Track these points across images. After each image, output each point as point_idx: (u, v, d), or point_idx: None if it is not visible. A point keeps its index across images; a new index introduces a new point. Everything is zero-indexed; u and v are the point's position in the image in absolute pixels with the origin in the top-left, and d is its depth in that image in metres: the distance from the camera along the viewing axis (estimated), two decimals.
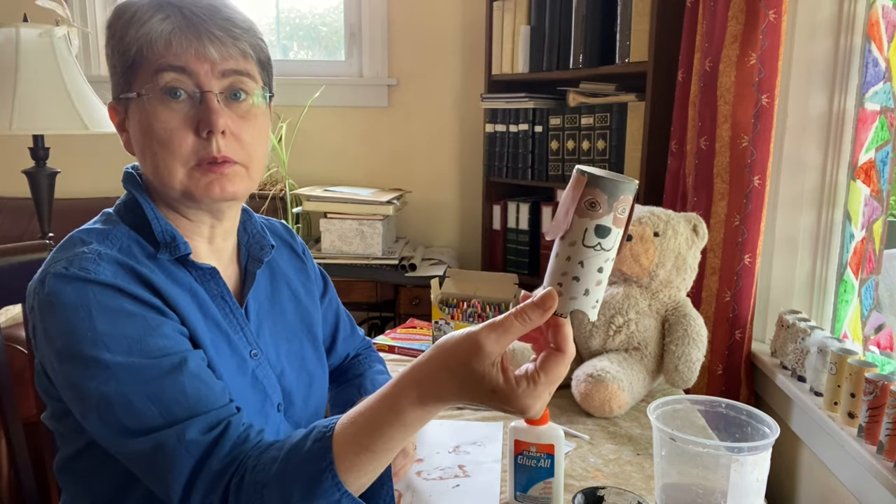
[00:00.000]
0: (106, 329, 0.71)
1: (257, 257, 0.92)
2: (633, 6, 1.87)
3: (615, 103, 1.99)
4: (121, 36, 0.78)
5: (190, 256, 0.82)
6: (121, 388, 0.70)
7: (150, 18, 0.76)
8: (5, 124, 1.87)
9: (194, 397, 0.72)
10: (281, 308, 0.96)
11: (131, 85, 0.79)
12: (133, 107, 0.80)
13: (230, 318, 0.86)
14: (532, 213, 2.29)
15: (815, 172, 1.57)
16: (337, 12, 2.70)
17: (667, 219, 1.24)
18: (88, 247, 0.76)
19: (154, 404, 0.70)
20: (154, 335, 0.73)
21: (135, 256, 0.79)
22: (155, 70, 0.77)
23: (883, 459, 1.10)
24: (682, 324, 1.20)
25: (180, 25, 0.76)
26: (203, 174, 0.79)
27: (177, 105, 0.77)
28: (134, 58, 0.78)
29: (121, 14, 0.78)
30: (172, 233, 0.81)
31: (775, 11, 1.42)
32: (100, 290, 0.72)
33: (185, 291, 0.81)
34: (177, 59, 0.76)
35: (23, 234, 2.43)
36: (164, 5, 0.77)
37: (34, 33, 1.95)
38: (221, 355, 0.83)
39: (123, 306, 0.73)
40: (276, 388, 0.90)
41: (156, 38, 0.76)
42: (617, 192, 0.59)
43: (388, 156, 2.67)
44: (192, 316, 0.80)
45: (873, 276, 1.39)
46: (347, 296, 2.21)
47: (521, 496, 0.88)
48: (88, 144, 2.63)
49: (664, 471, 0.84)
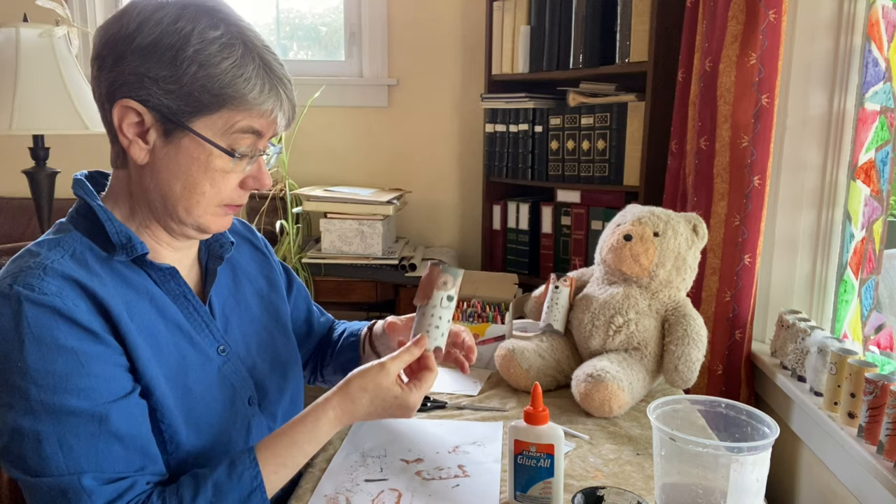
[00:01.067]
0: (36, 364, 0.71)
1: (217, 254, 0.94)
2: (633, 6, 1.87)
3: (615, 103, 1.99)
4: (210, 63, 0.76)
5: (147, 256, 0.82)
6: (35, 426, 0.70)
7: (244, 63, 0.77)
8: (5, 124, 1.87)
9: (103, 455, 0.72)
10: (246, 303, 0.98)
11: (192, 117, 0.77)
12: (179, 137, 0.78)
13: (194, 316, 0.87)
14: (532, 213, 2.29)
15: (815, 172, 1.57)
16: (337, 12, 2.70)
17: (667, 219, 1.24)
18: (36, 259, 0.75)
19: (62, 451, 0.70)
20: (82, 374, 0.72)
21: (86, 263, 0.78)
22: (241, 129, 0.79)
23: (883, 459, 1.10)
24: (682, 324, 1.19)
25: (267, 87, 0.79)
26: (225, 214, 0.85)
27: (235, 163, 0.81)
28: (215, 97, 0.77)
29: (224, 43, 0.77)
30: (128, 234, 0.81)
31: (775, 11, 1.42)
32: (36, 315, 0.71)
33: (140, 296, 0.81)
34: (260, 124, 0.81)
35: (23, 234, 2.44)
36: (253, 54, 0.78)
37: (34, 33, 1.95)
38: (184, 356, 0.84)
39: (56, 337, 0.72)
40: (246, 382, 0.92)
41: (246, 92, 0.77)
42: (457, 275, 0.96)
43: (388, 156, 2.67)
44: (148, 321, 0.81)
45: (873, 276, 1.39)
46: (347, 296, 2.21)
47: (521, 496, 0.88)
48: (88, 144, 2.62)
49: (664, 471, 0.84)
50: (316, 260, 2.19)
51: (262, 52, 0.80)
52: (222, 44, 0.77)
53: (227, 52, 0.77)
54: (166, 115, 0.78)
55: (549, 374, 1.27)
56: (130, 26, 0.77)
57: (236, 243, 0.98)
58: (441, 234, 2.72)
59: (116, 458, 0.73)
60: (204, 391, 0.86)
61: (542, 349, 1.28)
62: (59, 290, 0.73)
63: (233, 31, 0.78)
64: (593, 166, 2.05)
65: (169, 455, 0.82)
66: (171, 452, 0.82)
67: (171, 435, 0.81)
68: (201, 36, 0.76)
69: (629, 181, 1.97)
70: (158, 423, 0.80)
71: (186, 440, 0.83)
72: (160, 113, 0.78)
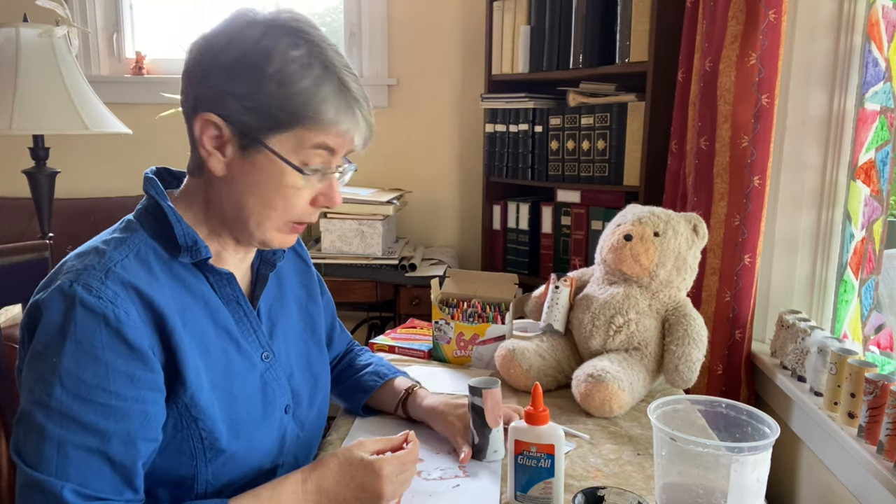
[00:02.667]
0: (68, 365, 0.73)
1: (270, 261, 0.95)
2: (633, 6, 1.87)
3: (615, 103, 1.99)
4: (288, 82, 0.78)
5: (210, 261, 0.84)
6: (45, 422, 0.72)
7: (322, 82, 0.79)
8: (5, 124, 1.87)
9: (93, 472, 0.73)
10: (288, 311, 0.99)
11: (267, 134, 0.79)
12: (254, 152, 0.80)
13: (244, 321, 0.89)
14: (532, 213, 2.29)
15: (815, 172, 1.57)
16: (337, 12, 2.70)
17: (667, 219, 1.24)
18: (101, 259, 0.78)
19: (58, 456, 0.72)
20: (105, 390, 0.74)
21: (148, 265, 0.80)
22: (314, 145, 0.80)
23: (883, 459, 1.10)
24: (683, 324, 1.20)
25: (344, 107, 0.80)
26: (291, 232, 0.86)
27: (307, 180, 0.82)
28: (289, 113, 0.79)
29: (303, 63, 0.79)
30: (194, 237, 0.83)
31: (775, 11, 1.42)
32: (84, 317, 0.73)
33: (196, 300, 0.84)
34: (335, 142, 0.81)
35: (23, 234, 2.43)
36: (331, 73, 0.80)
37: (34, 33, 1.95)
38: (231, 361, 0.86)
39: (94, 345, 0.73)
40: (285, 389, 0.93)
41: (323, 111, 0.79)
42: None
43: (388, 156, 2.66)
44: (200, 326, 0.83)
45: (873, 276, 1.39)
46: (347, 296, 2.21)
47: (522, 496, 0.88)
48: (88, 144, 2.63)
49: (664, 471, 0.84)
50: (316, 260, 2.18)
51: (341, 72, 0.81)
52: (302, 63, 0.78)
53: (305, 72, 0.79)
54: (244, 130, 0.80)
55: (550, 374, 1.27)
56: (219, 44, 0.80)
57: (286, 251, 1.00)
58: (441, 234, 2.72)
59: (103, 479, 0.74)
60: (247, 398, 0.87)
61: (543, 349, 1.28)
62: (115, 296, 0.75)
63: (314, 52, 0.80)
64: (593, 166, 2.05)
65: (208, 461, 0.83)
66: (209, 458, 0.83)
67: (210, 442, 0.82)
68: (283, 55, 0.78)
69: (629, 181, 1.97)
70: (200, 431, 0.81)
71: (227, 445, 0.84)
72: (238, 128, 0.80)
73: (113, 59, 2.70)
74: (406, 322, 1.70)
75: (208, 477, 0.83)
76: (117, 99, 2.48)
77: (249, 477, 0.87)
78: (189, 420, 0.81)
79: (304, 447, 0.98)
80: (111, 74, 2.67)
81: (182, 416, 0.80)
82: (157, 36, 2.73)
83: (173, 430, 0.80)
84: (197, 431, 0.81)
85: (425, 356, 1.45)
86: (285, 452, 0.93)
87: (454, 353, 1.40)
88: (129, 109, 2.48)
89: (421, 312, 2.14)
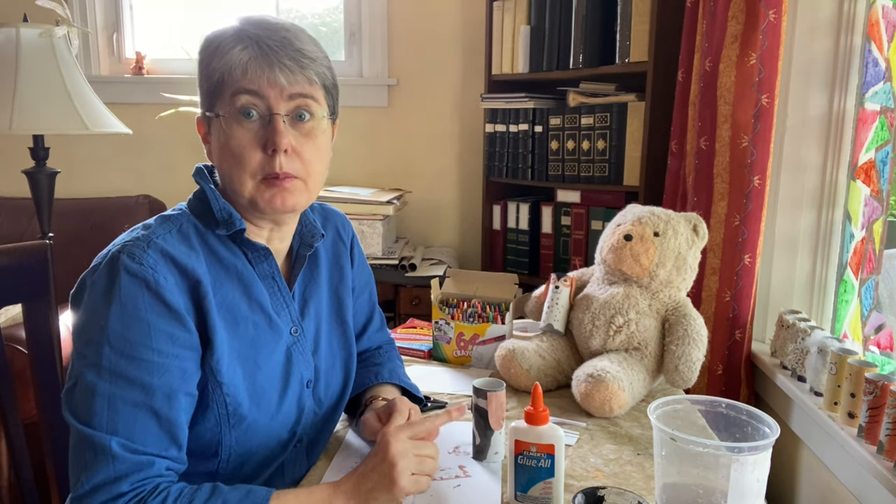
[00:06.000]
0: (115, 325, 0.80)
1: (308, 242, 1.01)
2: (633, 6, 1.87)
3: (615, 103, 1.99)
4: (207, 63, 0.90)
5: (245, 234, 0.92)
6: (96, 380, 0.79)
7: (231, 49, 0.87)
8: (5, 124, 1.87)
9: (140, 426, 0.80)
10: (319, 292, 1.05)
11: (214, 106, 0.90)
12: (214, 124, 0.91)
13: (277, 297, 0.96)
14: (532, 213, 2.29)
15: (815, 172, 1.57)
16: (337, 12, 2.70)
17: (667, 219, 1.24)
18: (146, 232, 0.87)
19: (108, 411, 0.79)
20: (148, 347, 0.81)
21: (189, 239, 0.89)
22: (232, 93, 0.88)
23: (883, 459, 1.10)
24: (683, 324, 1.19)
25: (256, 56, 0.87)
26: (267, 187, 0.89)
27: (249, 125, 0.88)
28: (217, 83, 0.89)
29: (208, 45, 0.90)
30: (229, 210, 0.91)
31: (775, 11, 1.42)
32: (128, 282, 0.81)
33: (230, 274, 0.92)
34: (251, 84, 0.87)
35: (23, 234, 2.43)
36: (244, 38, 0.88)
37: (34, 33, 1.95)
38: (260, 333, 0.93)
39: (138, 307, 0.81)
40: (309, 363, 0.99)
41: (235, 66, 0.87)
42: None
43: (388, 156, 2.67)
44: (231, 298, 0.90)
45: (873, 276, 1.39)
46: None
47: (522, 496, 0.88)
48: (88, 144, 2.63)
49: (664, 471, 0.84)
50: None
51: (242, 25, 0.89)
52: (218, 43, 0.89)
53: (222, 45, 0.89)
54: (204, 112, 0.92)
55: (550, 375, 1.27)
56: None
57: (326, 235, 1.06)
58: (441, 234, 2.72)
59: (148, 433, 0.80)
60: (271, 369, 0.94)
61: (543, 349, 1.28)
62: (154, 263, 0.83)
63: (235, 28, 0.89)
64: (593, 166, 2.05)
65: (231, 427, 0.89)
66: (233, 425, 0.89)
67: (234, 408, 0.89)
68: (216, 41, 0.89)
69: (629, 181, 1.97)
70: (224, 397, 0.88)
71: (248, 413, 0.90)
72: (203, 113, 0.93)
73: (113, 59, 2.70)
74: (406, 322, 1.70)
75: (231, 443, 0.90)
76: (117, 99, 2.49)
77: (270, 446, 0.94)
78: (215, 385, 0.87)
79: (319, 426, 1.02)
80: (111, 74, 2.67)
81: (209, 380, 0.87)
82: (157, 36, 2.73)
83: (202, 393, 0.87)
84: (222, 396, 0.88)
85: (425, 356, 1.45)
86: (303, 425, 0.98)
87: (454, 353, 1.40)
88: (129, 109, 2.48)
89: (421, 312, 2.14)
